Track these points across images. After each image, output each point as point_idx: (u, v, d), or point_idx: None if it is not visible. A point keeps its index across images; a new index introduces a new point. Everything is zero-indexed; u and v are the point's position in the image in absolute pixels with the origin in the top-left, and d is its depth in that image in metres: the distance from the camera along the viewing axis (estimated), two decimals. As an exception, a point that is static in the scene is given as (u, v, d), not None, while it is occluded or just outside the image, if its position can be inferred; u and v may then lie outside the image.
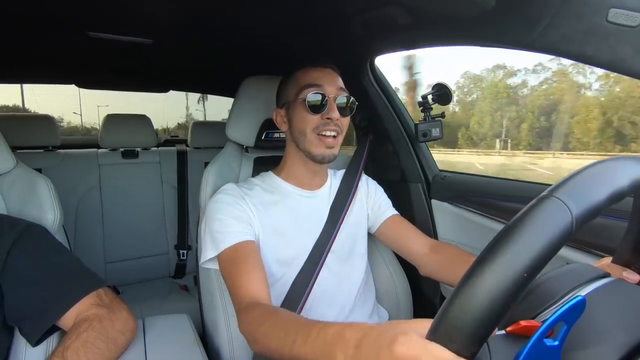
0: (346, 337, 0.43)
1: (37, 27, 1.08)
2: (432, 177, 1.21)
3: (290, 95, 0.86)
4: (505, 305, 0.28)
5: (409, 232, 0.97)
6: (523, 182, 1.01)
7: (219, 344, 0.87)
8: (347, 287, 0.91)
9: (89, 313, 0.68)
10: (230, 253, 0.77)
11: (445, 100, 1.10)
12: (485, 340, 0.30)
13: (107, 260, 1.77)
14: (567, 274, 0.43)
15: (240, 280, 0.73)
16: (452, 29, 0.87)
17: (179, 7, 0.95)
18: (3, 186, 0.83)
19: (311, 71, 0.85)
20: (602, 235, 0.74)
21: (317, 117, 0.82)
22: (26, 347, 0.69)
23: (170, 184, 1.94)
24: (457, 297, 0.30)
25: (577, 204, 0.30)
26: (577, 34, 0.62)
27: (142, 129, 1.89)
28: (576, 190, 0.32)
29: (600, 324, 0.36)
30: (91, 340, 0.63)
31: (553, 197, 0.31)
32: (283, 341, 0.54)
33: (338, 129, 0.83)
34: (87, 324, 0.65)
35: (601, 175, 0.34)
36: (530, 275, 0.28)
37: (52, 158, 1.74)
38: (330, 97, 0.82)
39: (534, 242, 0.29)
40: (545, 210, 0.30)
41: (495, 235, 0.31)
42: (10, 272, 0.66)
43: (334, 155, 0.84)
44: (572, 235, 0.30)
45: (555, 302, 0.38)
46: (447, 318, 0.30)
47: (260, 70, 1.05)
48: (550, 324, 0.30)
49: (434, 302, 1.17)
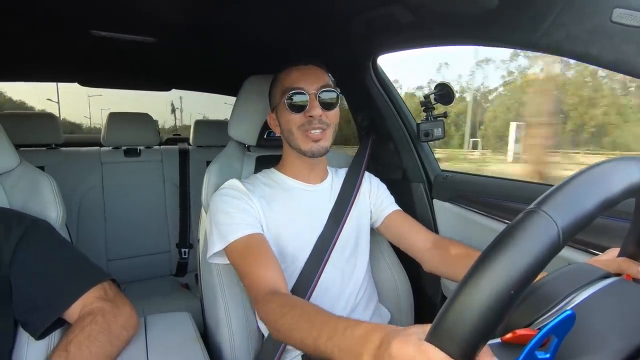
0: (373, 339, 0.44)
1: (41, 26, 1.08)
2: (434, 176, 1.21)
3: (276, 98, 0.88)
4: (494, 320, 0.29)
5: (412, 227, 0.97)
6: (525, 182, 1.01)
7: (220, 341, 0.88)
8: (352, 283, 0.91)
9: (93, 306, 0.69)
10: (241, 244, 0.78)
11: (448, 100, 1.10)
12: (479, 348, 0.30)
13: (109, 258, 1.78)
14: (566, 276, 0.42)
15: (256, 271, 0.74)
16: (454, 28, 0.86)
17: (182, 6, 0.95)
18: (7, 184, 0.83)
19: (293, 72, 0.86)
20: (603, 235, 0.73)
21: (299, 116, 0.83)
22: (29, 342, 0.69)
23: (172, 183, 1.95)
24: (451, 308, 0.30)
25: (564, 216, 0.30)
26: (582, 33, 0.61)
27: (145, 127, 1.90)
28: (563, 202, 0.31)
29: (597, 330, 0.36)
30: (94, 334, 0.64)
31: (539, 211, 0.30)
32: (307, 333, 0.55)
33: (323, 125, 0.84)
34: (91, 317, 0.66)
35: (590, 183, 0.33)
36: (518, 291, 0.28)
37: (54, 156, 1.75)
38: (311, 94, 0.83)
39: (519, 258, 0.29)
40: (531, 225, 0.30)
41: (482, 252, 0.31)
42: (18, 266, 0.67)
43: (324, 147, 0.85)
44: (560, 249, 0.30)
45: (555, 307, 0.38)
46: (442, 325, 0.31)
47: (263, 69, 1.05)
48: (541, 337, 0.30)
49: (434, 301, 1.16)
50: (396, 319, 1.04)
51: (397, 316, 1.04)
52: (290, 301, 0.65)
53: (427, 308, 1.16)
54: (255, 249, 0.77)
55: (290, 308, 0.62)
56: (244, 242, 0.78)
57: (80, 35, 1.14)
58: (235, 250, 0.78)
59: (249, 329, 0.89)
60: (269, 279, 0.72)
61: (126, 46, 1.26)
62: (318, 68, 0.88)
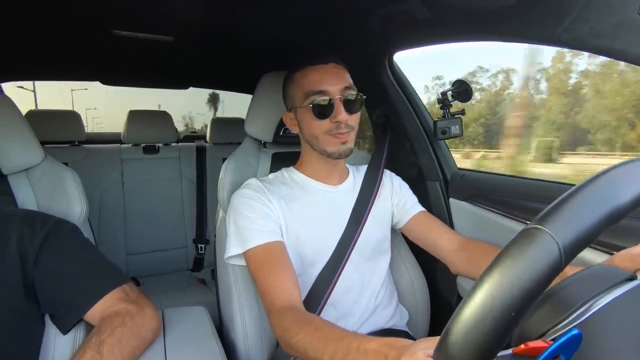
0: (385, 354, 0.46)
1: (64, 26, 1.11)
2: (451, 175, 1.19)
3: (296, 100, 0.86)
4: (497, 339, 0.28)
5: (438, 228, 0.96)
6: (544, 181, 0.98)
7: (235, 337, 0.89)
8: (372, 285, 0.91)
9: (118, 308, 0.70)
10: (260, 252, 0.78)
11: (466, 97, 1.08)
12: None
13: (128, 252, 1.82)
14: (586, 280, 0.41)
15: (272, 282, 0.74)
16: (473, 24, 0.85)
17: (199, 6, 0.96)
18: (33, 178, 0.86)
19: (312, 73, 0.82)
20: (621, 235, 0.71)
21: (326, 122, 0.81)
22: (56, 335, 0.72)
23: (189, 179, 1.98)
24: (454, 325, 0.30)
25: (566, 233, 0.29)
26: (607, 28, 0.59)
27: (163, 125, 1.94)
28: (564, 218, 0.29)
29: (613, 342, 0.34)
30: (125, 337, 0.65)
31: (539, 228, 0.29)
32: (321, 352, 0.56)
33: (349, 128, 0.82)
34: (120, 319, 0.67)
35: (594, 196, 0.31)
36: (519, 312, 0.28)
37: (77, 152, 1.80)
38: (337, 98, 0.80)
39: (518, 279, 0.28)
40: (530, 243, 0.29)
41: (483, 271, 0.30)
42: (41, 267, 0.68)
43: (350, 149, 0.84)
44: (562, 268, 0.29)
45: (572, 313, 0.37)
46: (447, 342, 0.31)
47: (278, 66, 1.05)
48: (551, 353, 0.29)
49: (450, 302, 1.15)
50: (413, 319, 1.03)
51: (414, 316, 1.03)
52: (304, 318, 0.66)
53: (443, 308, 1.15)
54: (273, 258, 0.77)
55: (303, 325, 0.63)
56: (262, 250, 0.78)
57: (103, 35, 1.17)
58: (253, 257, 0.79)
59: (262, 328, 0.90)
60: (284, 291, 0.73)
61: (146, 45, 1.29)
62: (338, 66, 0.85)
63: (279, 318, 0.69)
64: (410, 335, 0.94)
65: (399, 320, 0.95)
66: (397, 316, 0.94)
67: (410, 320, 1.01)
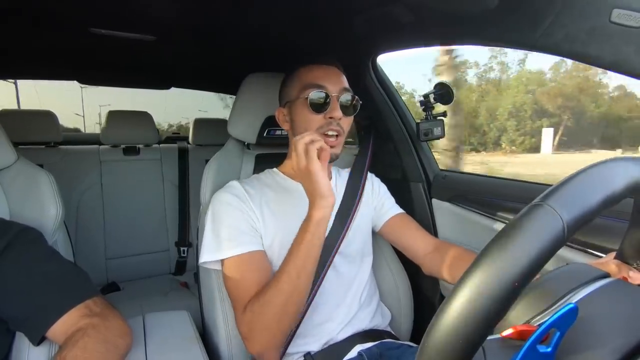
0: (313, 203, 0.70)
1: (39, 23, 1.08)
2: (433, 176, 1.21)
3: (292, 93, 0.85)
4: (497, 312, 0.29)
5: (413, 231, 0.97)
6: (524, 182, 1.01)
7: (218, 342, 0.88)
8: (354, 288, 0.90)
9: (80, 324, 0.64)
10: (236, 261, 0.77)
11: (447, 99, 1.10)
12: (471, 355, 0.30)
13: (107, 256, 1.78)
14: (565, 274, 0.43)
15: (246, 289, 0.74)
16: (454, 28, 0.86)
17: (181, 6, 0.95)
18: (4, 181, 0.83)
19: (315, 69, 0.84)
20: (602, 235, 0.74)
21: (319, 117, 0.81)
22: (29, 345, 0.68)
23: (171, 181, 1.94)
24: (437, 323, 0.29)
25: (569, 210, 0.30)
26: (581, 34, 0.61)
27: (144, 125, 1.90)
28: (568, 197, 0.32)
29: (597, 327, 0.36)
30: (90, 345, 0.61)
31: (544, 205, 0.31)
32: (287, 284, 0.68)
33: (340, 129, 0.82)
34: (82, 332, 0.62)
35: (594, 180, 0.33)
36: (522, 283, 0.29)
37: (53, 154, 1.74)
38: (334, 95, 0.81)
39: (524, 250, 0.29)
40: (536, 218, 0.30)
41: (487, 244, 0.31)
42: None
43: (336, 154, 0.84)
44: (565, 242, 0.30)
45: (553, 305, 0.38)
46: (427, 346, 0.30)
47: (262, 67, 1.05)
48: (543, 331, 0.30)
49: (433, 301, 1.17)
50: (397, 319, 1.04)
51: (397, 316, 1.04)
52: (257, 294, 0.72)
53: (426, 308, 1.16)
54: (250, 269, 0.76)
55: (258, 295, 0.71)
56: (239, 260, 0.77)
57: (80, 33, 1.14)
58: (230, 265, 0.77)
59: None
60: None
61: (126, 44, 1.26)
62: (339, 70, 0.87)
63: (243, 312, 0.73)
64: (393, 335, 0.94)
65: (381, 320, 0.95)
66: (378, 317, 0.95)
67: (393, 321, 1.02)
